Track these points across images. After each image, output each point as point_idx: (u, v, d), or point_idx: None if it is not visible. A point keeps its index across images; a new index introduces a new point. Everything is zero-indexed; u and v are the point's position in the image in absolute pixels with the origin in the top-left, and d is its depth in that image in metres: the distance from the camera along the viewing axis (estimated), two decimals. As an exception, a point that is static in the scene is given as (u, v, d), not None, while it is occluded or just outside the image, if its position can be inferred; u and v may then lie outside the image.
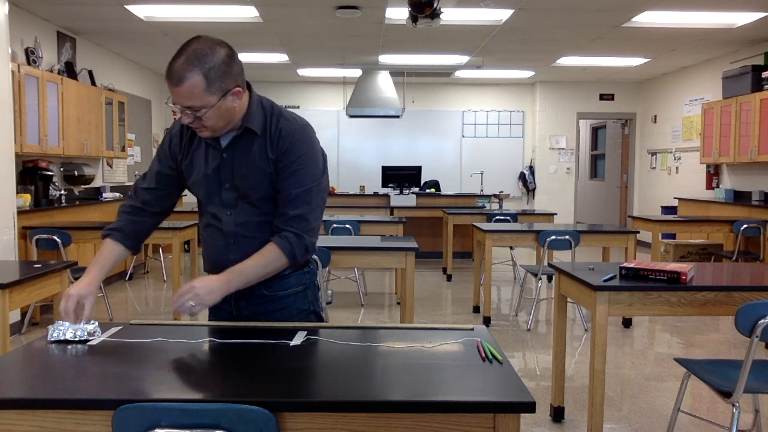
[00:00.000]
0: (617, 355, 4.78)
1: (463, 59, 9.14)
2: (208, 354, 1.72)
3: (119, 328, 1.91)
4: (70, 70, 7.20)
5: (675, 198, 9.46)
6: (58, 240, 5.12)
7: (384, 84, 9.31)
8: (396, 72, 9.70)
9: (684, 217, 7.42)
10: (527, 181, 11.51)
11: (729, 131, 8.05)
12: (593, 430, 3.00)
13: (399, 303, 5.98)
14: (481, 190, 10.03)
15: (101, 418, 1.36)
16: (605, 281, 2.93)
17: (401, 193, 9.16)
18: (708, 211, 8.18)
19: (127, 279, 7.69)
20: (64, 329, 1.78)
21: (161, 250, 8.35)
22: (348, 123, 11.07)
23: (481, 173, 10.41)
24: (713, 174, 9.05)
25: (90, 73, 7.79)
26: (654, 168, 10.87)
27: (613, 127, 12.21)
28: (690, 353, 4.87)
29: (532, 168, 11.54)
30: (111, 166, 8.64)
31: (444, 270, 8.13)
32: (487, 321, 5.67)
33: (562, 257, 6.30)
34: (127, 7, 6.43)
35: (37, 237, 5.16)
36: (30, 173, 6.30)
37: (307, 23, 7.08)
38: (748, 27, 7.14)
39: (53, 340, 1.77)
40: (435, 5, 5.24)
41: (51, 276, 3.33)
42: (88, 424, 1.36)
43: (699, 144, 8.99)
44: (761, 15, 6.66)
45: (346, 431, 1.36)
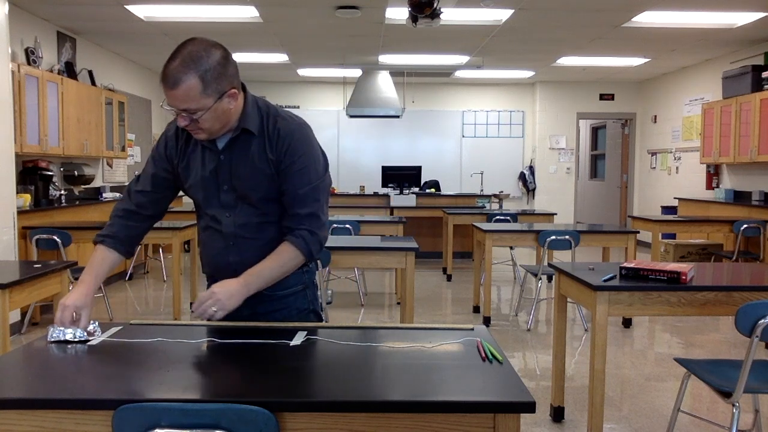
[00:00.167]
0: (617, 355, 4.78)
1: (463, 59, 9.14)
2: (208, 354, 1.72)
3: (119, 328, 1.91)
4: (70, 70, 7.20)
5: (675, 198, 9.46)
6: (58, 240, 5.12)
7: (384, 84, 9.31)
8: (396, 72, 9.70)
9: (684, 217, 7.42)
10: (527, 181, 11.51)
11: (729, 131, 8.05)
12: (593, 430, 3.00)
13: (399, 303, 5.98)
14: (481, 190, 10.03)
15: (101, 418, 1.36)
16: (605, 281, 2.93)
17: (401, 193, 9.16)
18: (708, 211, 8.18)
19: (127, 279, 7.69)
20: (63, 329, 1.78)
21: (161, 250, 8.35)
22: (348, 123, 11.07)
23: (481, 173, 10.42)
24: (713, 174, 9.05)
25: (90, 73, 7.79)
26: (654, 168, 10.87)
27: (613, 127, 12.21)
28: (690, 353, 4.87)
29: (532, 168, 11.53)
30: (111, 166, 8.64)
31: (444, 270, 8.13)
32: (487, 321, 5.67)
33: (562, 257, 6.30)
34: (127, 7, 6.43)
35: (37, 237, 5.16)
36: (30, 173, 6.30)
37: (307, 23, 7.07)
38: (748, 27, 7.14)
39: (53, 340, 1.77)
40: (435, 5, 5.24)
41: (51, 276, 3.33)
42: (88, 424, 1.37)
43: (699, 144, 8.99)
44: (761, 15, 6.66)
45: (346, 431, 1.36)
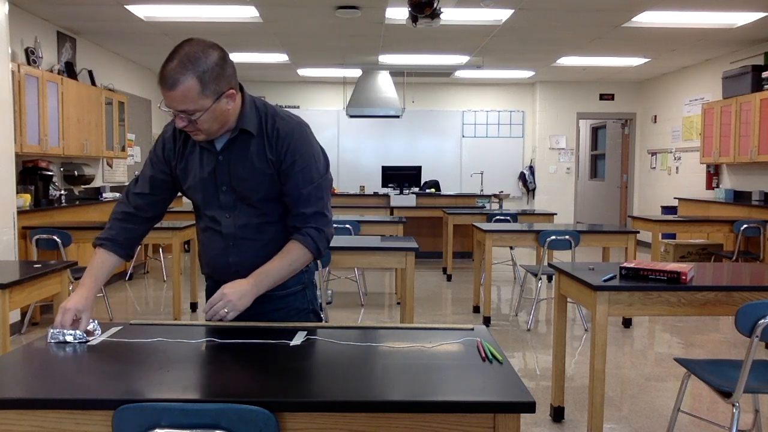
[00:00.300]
0: (617, 355, 4.78)
1: (463, 59, 9.14)
2: (208, 354, 1.72)
3: (119, 328, 1.91)
4: (70, 70, 7.20)
5: (675, 198, 9.46)
6: (58, 240, 5.12)
7: (384, 84, 9.31)
8: (396, 72, 9.70)
9: (684, 217, 7.42)
10: (527, 181, 11.51)
11: (729, 131, 8.05)
12: (593, 430, 3.00)
13: (399, 303, 5.98)
14: (481, 190, 10.04)
15: (101, 418, 1.36)
16: (605, 281, 2.93)
17: (401, 193, 9.16)
18: (708, 211, 8.18)
19: (127, 279, 7.69)
20: (63, 331, 1.78)
21: (161, 250, 8.35)
22: (348, 123, 11.07)
23: (481, 173, 10.42)
24: (713, 174, 9.05)
25: (90, 73, 7.79)
26: (654, 168, 10.86)
27: (613, 127, 12.21)
28: (690, 353, 4.87)
29: (532, 168, 11.53)
30: (111, 166, 8.64)
31: (444, 270, 8.13)
32: (487, 321, 5.67)
33: (562, 257, 6.30)
34: (127, 7, 6.43)
35: (37, 237, 5.16)
36: (30, 173, 6.30)
37: (307, 23, 7.07)
38: (748, 27, 7.14)
39: (53, 341, 1.77)
40: (435, 5, 5.24)
41: (51, 276, 3.33)
42: (88, 424, 1.36)
43: (699, 144, 8.99)
44: (761, 15, 6.66)
45: (346, 431, 1.36)
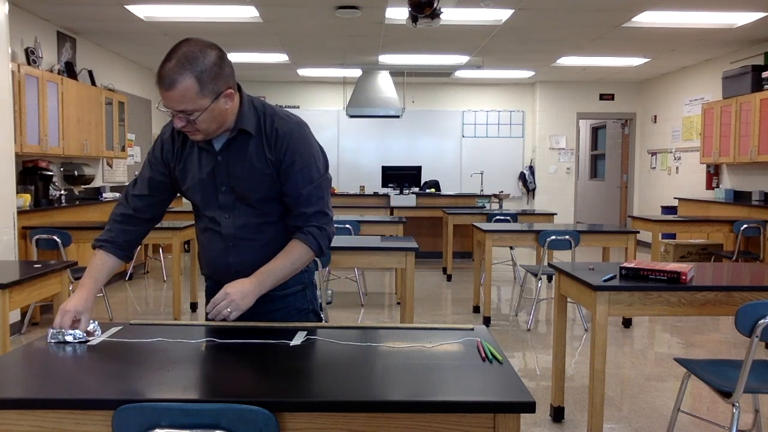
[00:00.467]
0: (617, 355, 4.78)
1: (463, 59, 9.14)
2: (208, 354, 1.72)
3: (119, 328, 1.91)
4: (70, 70, 7.20)
5: (675, 198, 9.46)
6: (58, 240, 5.12)
7: (384, 84, 9.31)
8: (396, 72, 9.70)
9: (684, 217, 7.42)
10: (527, 181, 11.50)
11: (729, 131, 8.05)
12: (593, 430, 3.00)
13: (399, 303, 5.98)
14: (481, 190, 10.03)
15: (101, 418, 1.36)
16: (605, 281, 2.93)
17: (401, 193, 9.16)
18: (708, 211, 8.18)
19: (127, 279, 7.69)
20: (63, 331, 1.78)
21: (161, 250, 8.35)
22: (348, 123, 11.06)
23: (481, 173, 10.41)
24: (713, 174, 9.05)
25: (90, 73, 7.79)
26: (654, 168, 10.86)
27: (613, 127, 12.21)
28: (690, 353, 4.87)
29: (532, 168, 11.53)
30: (111, 166, 8.64)
31: (444, 270, 8.13)
32: (487, 321, 5.67)
33: (562, 257, 6.30)
34: (127, 7, 6.43)
35: (37, 237, 5.16)
36: (30, 173, 6.30)
37: (307, 23, 7.07)
38: (748, 27, 7.14)
39: (53, 341, 1.77)
40: (435, 5, 5.24)
41: (51, 276, 3.33)
42: (88, 424, 1.36)
43: (699, 144, 8.99)
44: (761, 15, 6.66)
45: (346, 431, 1.36)
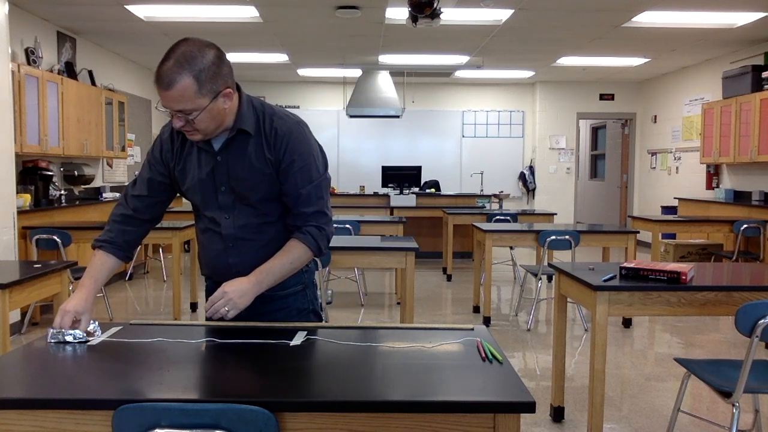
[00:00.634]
0: (617, 355, 4.78)
1: (463, 59, 9.13)
2: (208, 354, 1.72)
3: (119, 328, 1.91)
4: (70, 70, 7.20)
5: (675, 198, 9.46)
6: (58, 240, 5.12)
7: (384, 84, 9.31)
8: (396, 72, 9.70)
9: (684, 217, 7.42)
10: (527, 181, 11.50)
11: (729, 131, 8.05)
12: (593, 430, 3.00)
13: (399, 303, 5.98)
14: (481, 190, 10.03)
15: (101, 418, 1.36)
16: (605, 281, 2.93)
17: (401, 193, 9.16)
18: (708, 211, 8.18)
19: (127, 279, 7.69)
20: (63, 331, 1.78)
21: (161, 250, 8.35)
22: (348, 123, 11.06)
23: (481, 173, 10.42)
24: (713, 174, 9.05)
25: (90, 73, 7.79)
26: (654, 168, 10.86)
27: (613, 127, 12.21)
28: (690, 353, 4.87)
29: (532, 168, 11.53)
30: (111, 166, 8.64)
31: (444, 270, 8.13)
32: (487, 321, 5.67)
33: (562, 257, 6.30)
34: (127, 7, 6.43)
35: (37, 237, 5.16)
36: (30, 173, 6.30)
37: (307, 23, 7.07)
38: (748, 27, 7.14)
39: (53, 341, 1.77)
40: (435, 5, 5.24)
41: (51, 276, 3.33)
42: (88, 424, 1.36)
43: (699, 144, 8.99)
44: (761, 15, 6.66)
45: (346, 431, 1.36)
